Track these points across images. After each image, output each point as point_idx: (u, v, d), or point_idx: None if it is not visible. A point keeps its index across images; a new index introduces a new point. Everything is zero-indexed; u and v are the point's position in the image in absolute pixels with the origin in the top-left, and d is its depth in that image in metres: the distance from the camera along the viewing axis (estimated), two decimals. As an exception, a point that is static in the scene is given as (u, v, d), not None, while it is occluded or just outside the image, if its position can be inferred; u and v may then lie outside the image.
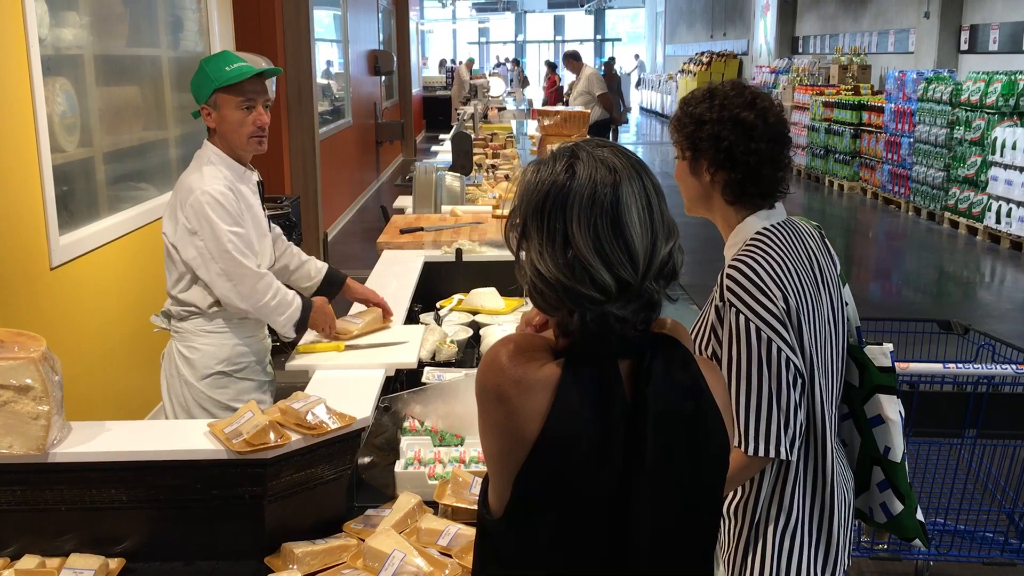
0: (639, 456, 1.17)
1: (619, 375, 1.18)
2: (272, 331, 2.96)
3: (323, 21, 10.00)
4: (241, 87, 2.63)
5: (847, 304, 1.93)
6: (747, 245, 1.80)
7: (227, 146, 2.71)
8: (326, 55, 10.31)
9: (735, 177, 1.81)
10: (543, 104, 18.42)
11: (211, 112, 2.66)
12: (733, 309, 1.72)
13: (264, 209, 2.85)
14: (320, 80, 9.21)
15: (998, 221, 9.14)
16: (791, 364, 1.70)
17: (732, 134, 1.79)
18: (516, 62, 25.64)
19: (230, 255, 2.58)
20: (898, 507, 1.93)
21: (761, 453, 1.69)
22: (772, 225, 1.84)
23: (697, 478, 1.23)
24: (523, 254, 1.21)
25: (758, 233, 1.82)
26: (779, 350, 1.69)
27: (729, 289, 1.74)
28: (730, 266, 1.77)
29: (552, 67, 23.89)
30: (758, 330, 1.69)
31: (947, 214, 10.19)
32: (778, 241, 1.80)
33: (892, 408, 1.91)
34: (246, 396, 2.75)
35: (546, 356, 1.20)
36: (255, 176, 2.81)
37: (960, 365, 2.84)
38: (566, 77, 16.77)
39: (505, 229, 1.26)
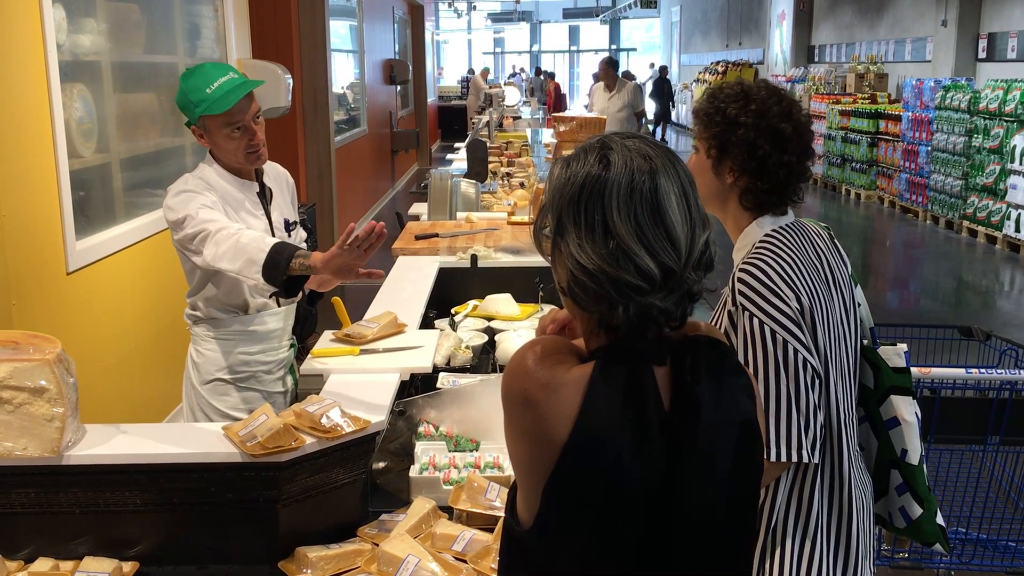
0: (681, 462, 1.14)
1: (652, 375, 1.15)
2: (299, 338, 2.94)
3: (339, 31, 10.03)
4: (227, 111, 2.49)
5: (860, 305, 1.90)
6: (757, 248, 1.78)
7: (227, 165, 2.63)
8: (342, 65, 10.34)
9: (761, 186, 1.78)
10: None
11: (202, 135, 2.56)
12: (746, 313, 1.69)
13: (269, 217, 2.74)
14: (336, 89, 9.24)
15: (1017, 229, 9.07)
16: (808, 365, 1.68)
17: (768, 144, 1.75)
18: (538, 71, 25.82)
19: (193, 220, 2.43)
20: (917, 511, 1.90)
21: (783, 458, 1.67)
22: (781, 227, 1.82)
23: (741, 486, 1.21)
24: (560, 249, 1.18)
25: (767, 235, 1.80)
26: (795, 351, 1.66)
27: (741, 293, 1.71)
28: (741, 269, 1.75)
29: (551, 76, 24.05)
30: (773, 332, 1.67)
31: (965, 223, 10.12)
32: (787, 242, 1.78)
33: (908, 409, 1.88)
34: (249, 406, 2.72)
35: (573, 359, 1.18)
36: (255, 186, 2.70)
37: (983, 370, 2.81)
38: (581, 85, 16.65)
39: (534, 229, 1.24)
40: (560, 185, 1.19)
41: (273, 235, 2.71)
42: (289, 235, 2.79)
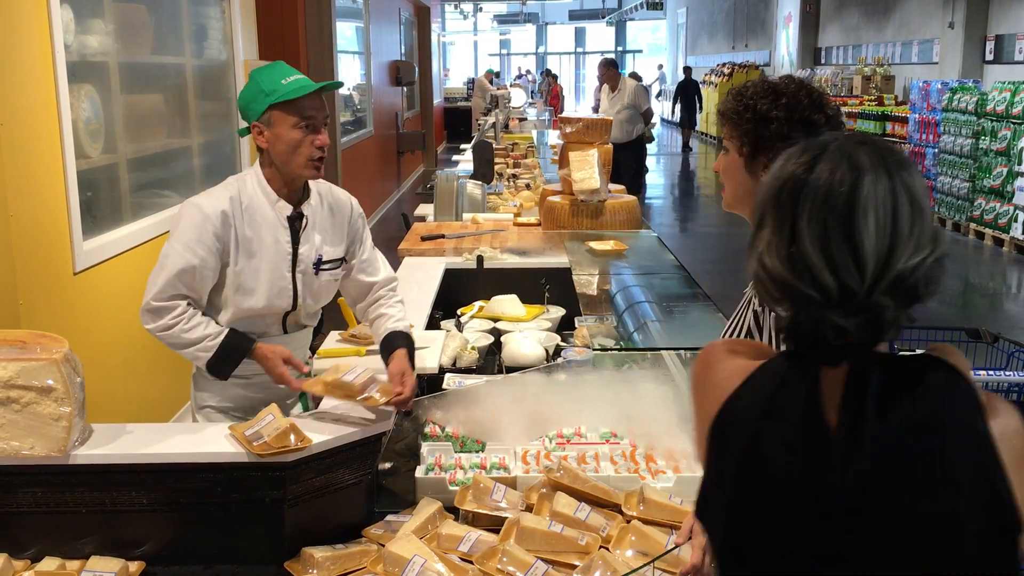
0: (847, 469, 1.05)
1: (816, 375, 1.10)
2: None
3: (345, 33, 10.04)
4: (300, 104, 2.26)
5: None
6: None
7: (278, 172, 2.34)
8: (348, 66, 10.35)
9: None
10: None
11: (263, 131, 2.29)
12: (773, 314, 1.68)
13: (296, 244, 2.39)
14: (342, 90, 9.25)
15: (1025, 232, 9.04)
16: None
17: (802, 136, 1.73)
18: (547, 72, 25.76)
19: (158, 262, 2.31)
20: None
21: None
22: None
23: (945, 502, 1.05)
24: (755, 242, 1.16)
25: None
26: None
27: None
28: None
29: (554, 77, 23.81)
30: None
31: (973, 225, 10.09)
32: None
33: None
34: None
35: (756, 356, 1.18)
36: (287, 210, 2.37)
37: (991, 372, 2.79)
38: (587, 87, 16.50)
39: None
40: (771, 178, 1.16)
41: (294, 270, 2.40)
42: (317, 273, 2.44)
